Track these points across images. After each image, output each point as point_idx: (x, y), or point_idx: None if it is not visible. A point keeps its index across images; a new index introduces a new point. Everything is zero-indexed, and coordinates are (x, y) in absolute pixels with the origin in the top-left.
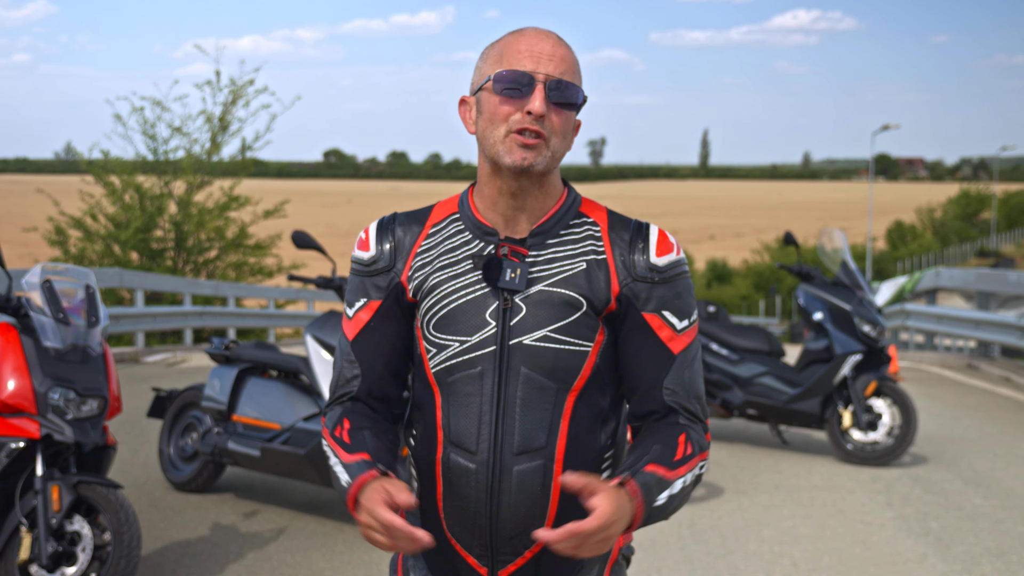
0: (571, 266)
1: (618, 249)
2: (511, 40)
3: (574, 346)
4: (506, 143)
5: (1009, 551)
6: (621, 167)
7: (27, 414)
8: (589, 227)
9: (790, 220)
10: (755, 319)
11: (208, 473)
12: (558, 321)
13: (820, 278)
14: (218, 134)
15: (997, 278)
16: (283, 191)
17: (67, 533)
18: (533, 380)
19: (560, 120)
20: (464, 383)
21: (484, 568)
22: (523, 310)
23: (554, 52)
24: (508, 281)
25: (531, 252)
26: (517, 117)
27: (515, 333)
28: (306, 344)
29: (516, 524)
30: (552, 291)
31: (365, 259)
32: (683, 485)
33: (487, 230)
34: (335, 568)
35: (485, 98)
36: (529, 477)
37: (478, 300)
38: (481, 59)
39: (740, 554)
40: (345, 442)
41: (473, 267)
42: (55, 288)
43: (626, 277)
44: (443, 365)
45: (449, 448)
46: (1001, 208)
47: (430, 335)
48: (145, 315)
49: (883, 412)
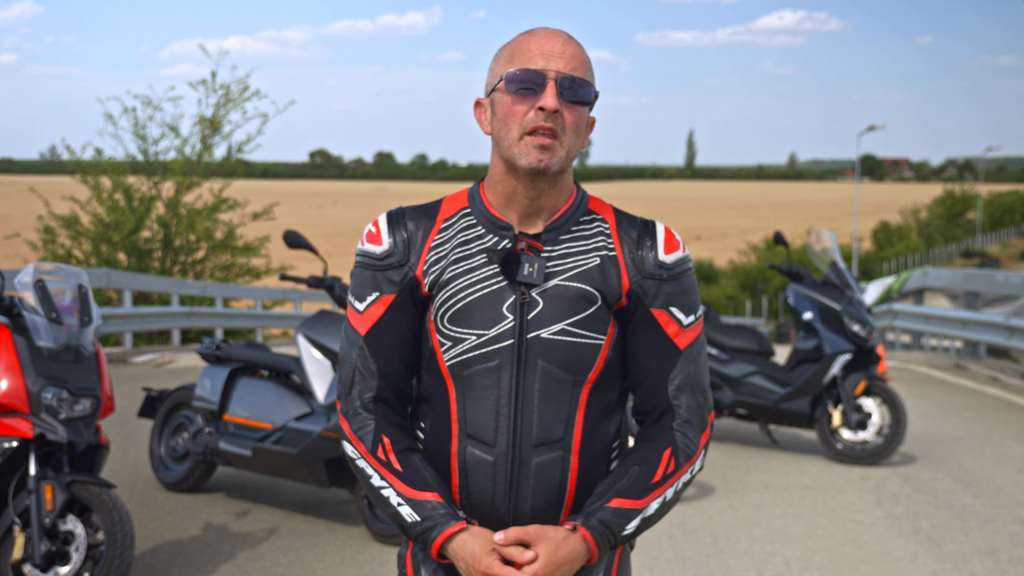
0: (584, 261)
1: (627, 246)
2: (522, 40)
3: (589, 339)
4: (521, 145)
5: (999, 549)
6: (607, 168)
7: (20, 413)
8: (599, 224)
9: (776, 221)
10: (742, 319)
11: (199, 473)
12: (574, 315)
13: (810, 278)
14: (209, 136)
15: (984, 278)
16: (269, 191)
17: (60, 532)
18: (550, 373)
19: (573, 117)
20: (481, 376)
21: None
22: (540, 304)
23: (564, 50)
24: (526, 275)
25: (545, 247)
26: (531, 116)
27: (533, 327)
28: (298, 344)
29: (535, 515)
30: (568, 285)
31: (378, 253)
32: (661, 503)
33: (502, 225)
34: (327, 567)
35: (499, 99)
36: (548, 468)
37: (494, 294)
38: (494, 61)
39: (731, 553)
40: (397, 470)
41: (488, 261)
42: (48, 288)
43: (635, 274)
44: (459, 358)
45: (466, 441)
46: (986, 208)
47: (445, 328)
48: (133, 315)
49: (873, 411)
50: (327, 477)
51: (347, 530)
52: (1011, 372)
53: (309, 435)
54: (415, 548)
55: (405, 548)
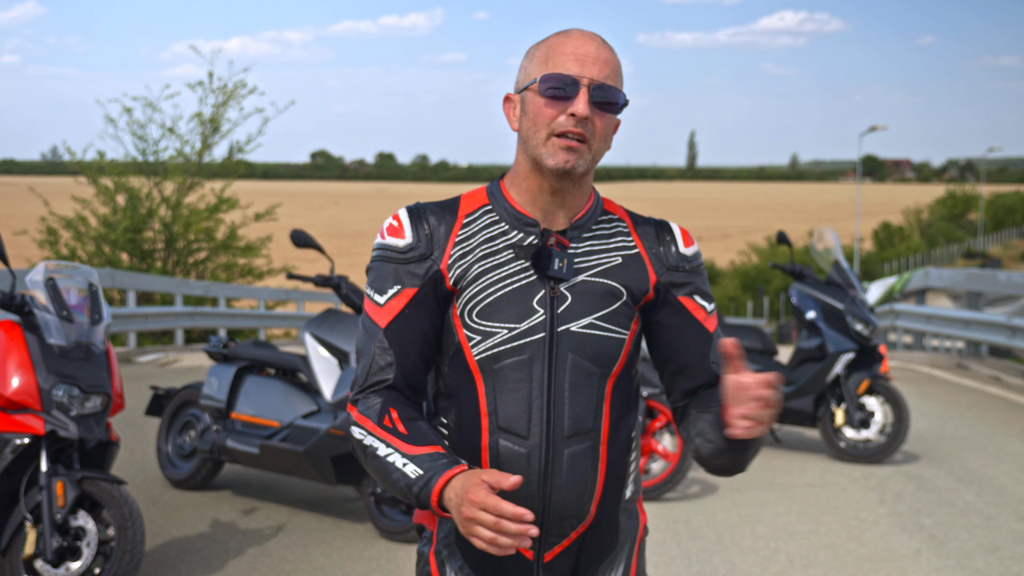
0: (608, 258)
1: (647, 243)
2: (557, 42)
3: (615, 333)
4: (548, 146)
5: (1002, 547)
6: (609, 168)
7: (32, 410)
8: (617, 223)
9: (778, 221)
10: (743, 320)
11: (206, 471)
12: (602, 309)
13: (813, 277)
14: (209, 136)
15: (987, 278)
16: (270, 192)
17: (71, 528)
18: (580, 365)
19: (602, 123)
20: (513, 369)
21: (530, 552)
22: (569, 299)
23: (599, 55)
24: (556, 270)
25: (571, 244)
26: (561, 120)
27: (563, 320)
28: (304, 342)
29: (567, 505)
30: (595, 281)
31: (401, 246)
32: None
33: (528, 221)
34: (335, 563)
35: (530, 98)
36: (580, 459)
37: (524, 288)
38: (527, 58)
39: (736, 550)
40: (402, 432)
41: (516, 256)
42: (59, 286)
43: (661, 268)
44: (489, 352)
45: (498, 434)
46: (988, 209)
47: (473, 323)
48: (137, 315)
49: (875, 410)
50: (334, 474)
51: (354, 527)
52: (1013, 372)
53: (316, 433)
54: (439, 546)
55: (428, 546)
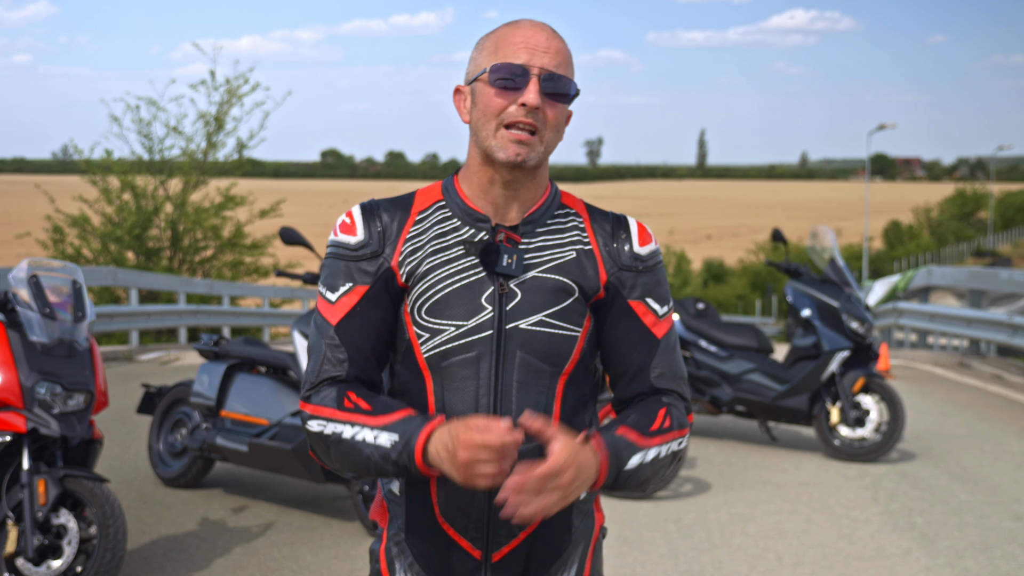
0: (561, 254)
1: (601, 239)
2: (506, 32)
3: (566, 331)
4: (499, 138)
5: (993, 545)
6: (618, 167)
7: (13, 408)
8: (573, 218)
9: (787, 220)
10: (751, 319)
11: (197, 469)
12: (552, 306)
13: (808, 275)
14: (214, 133)
15: (988, 276)
16: (280, 191)
17: (53, 526)
18: (529, 363)
19: (554, 113)
20: (460, 367)
21: (478, 551)
22: (518, 295)
23: (549, 45)
24: (505, 267)
25: (523, 240)
26: (512, 110)
27: (511, 317)
28: (293, 339)
29: None
30: (546, 277)
31: (352, 243)
32: (657, 455)
33: (478, 216)
34: (321, 562)
35: (480, 89)
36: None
37: (473, 285)
38: (476, 49)
39: (725, 548)
40: (366, 408)
41: (465, 252)
42: (42, 283)
43: (612, 266)
44: (437, 350)
45: None
46: (998, 207)
47: (422, 320)
48: (139, 313)
49: (871, 408)
50: (323, 473)
51: (342, 525)
52: (1015, 370)
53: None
54: (389, 543)
55: (378, 543)
